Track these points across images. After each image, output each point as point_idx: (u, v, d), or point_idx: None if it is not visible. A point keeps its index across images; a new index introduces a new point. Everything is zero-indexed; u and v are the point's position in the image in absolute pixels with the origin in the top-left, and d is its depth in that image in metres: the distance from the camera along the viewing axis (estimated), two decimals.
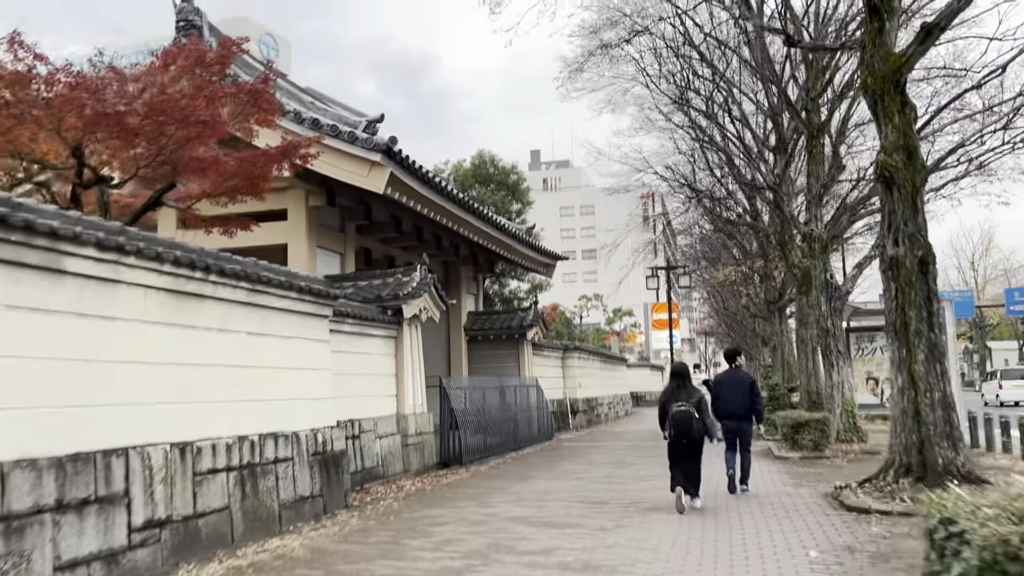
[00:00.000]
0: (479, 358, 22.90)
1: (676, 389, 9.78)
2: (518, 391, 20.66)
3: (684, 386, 9.83)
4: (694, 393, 9.81)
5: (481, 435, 17.20)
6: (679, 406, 9.45)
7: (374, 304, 14.46)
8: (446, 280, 22.80)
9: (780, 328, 31.26)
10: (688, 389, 9.80)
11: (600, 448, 19.24)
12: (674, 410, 9.47)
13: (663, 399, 9.93)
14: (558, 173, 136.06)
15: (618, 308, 60.69)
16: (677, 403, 9.51)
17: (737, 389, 10.99)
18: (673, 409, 9.49)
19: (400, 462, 14.29)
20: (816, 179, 17.19)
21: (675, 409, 9.46)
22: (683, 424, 9.35)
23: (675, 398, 9.62)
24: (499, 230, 20.70)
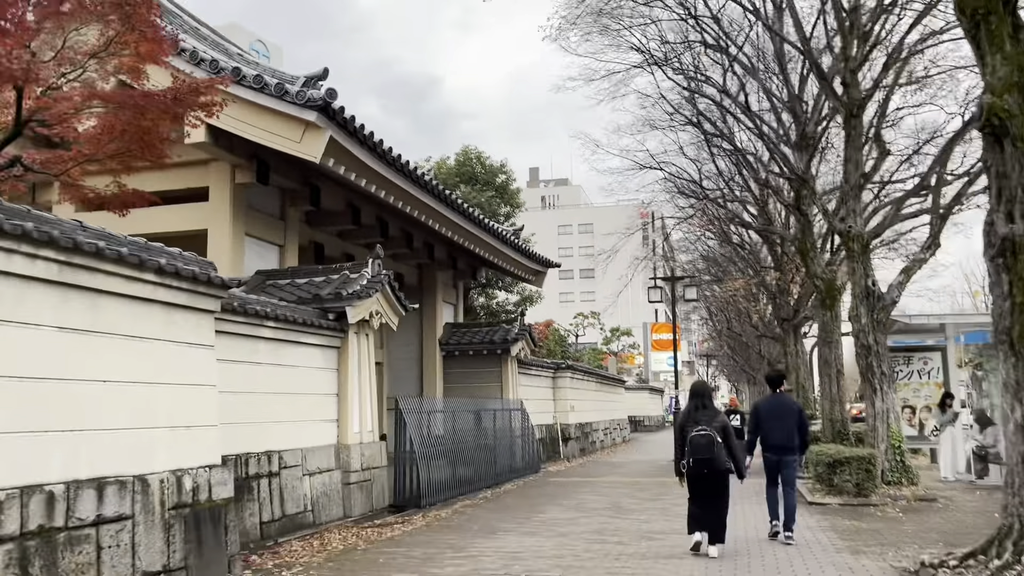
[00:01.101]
0: (456, 377, 19.95)
1: (695, 411, 8.47)
2: (499, 415, 17.68)
3: (705, 407, 8.54)
4: (716, 416, 8.51)
5: (448, 468, 14.20)
6: (699, 430, 8.15)
7: (312, 306, 11.54)
8: (419, 286, 19.90)
9: (795, 348, 28.30)
10: (710, 411, 8.51)
11: (593, 485, 16.22)
12: (694, 435, 8.17)
13: (680, 422, 8.66)
14: (556, 191, 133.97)
15: (616, 327, 57.70)
16: (697, 427, 8.21)
17: (782, 417, 9.50)
18: (692, 433, 8.19)
19: (339, 505, 11.29)
20: (855, 166, 14.32)
21: (695, 434, 8.16)
22: (704, 451, 8.06)
23: (694, 421, 8.33)
24: (480, 227, 17.83)
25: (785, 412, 9.59)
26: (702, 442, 8.10)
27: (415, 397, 14.16)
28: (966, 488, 14.59)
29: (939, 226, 14.33)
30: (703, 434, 8.14)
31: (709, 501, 8.35)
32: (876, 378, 13.92)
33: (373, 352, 12.70)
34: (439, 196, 15.33)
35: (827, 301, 20.61)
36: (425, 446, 13.16)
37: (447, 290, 20.79)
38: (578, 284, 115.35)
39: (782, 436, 9.46)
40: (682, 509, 10.46)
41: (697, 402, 8.62)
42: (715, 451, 8.08)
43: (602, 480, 17.25)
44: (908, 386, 19.68)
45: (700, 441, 8.12)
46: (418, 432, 13.02)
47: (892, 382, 14.18)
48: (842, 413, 20.05)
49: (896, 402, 14.13)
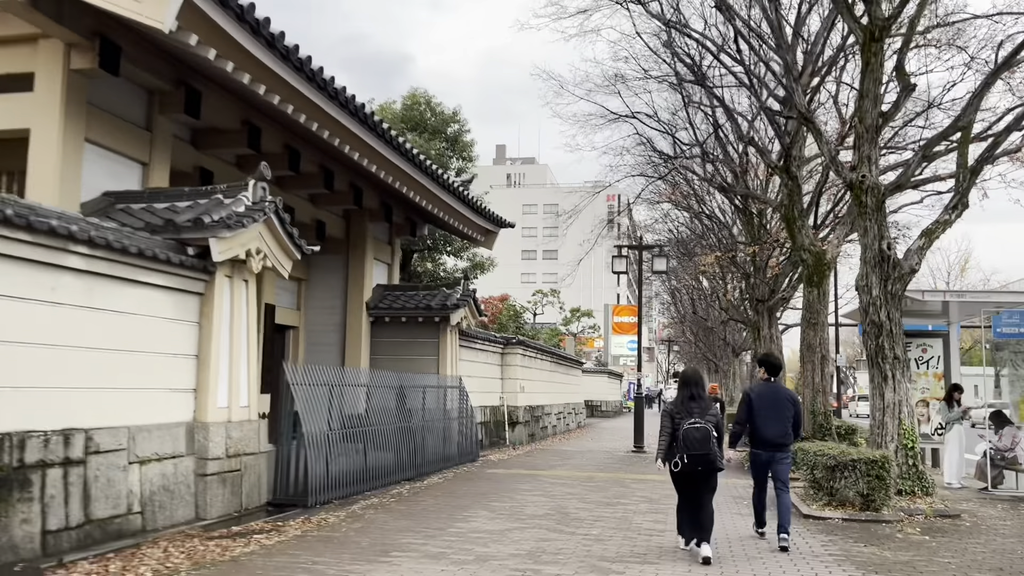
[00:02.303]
0: (386, 347, 17.05)
1: (688, 401, 7.63)
2: (429, 394, 14.84)
3: (698, 398, 7.65)
4: (710, 407, 7.69)
5: (356, 457, 11.33)
6: (693, 423, 7.41)
7: (165, 235, 8.57)
8: (346, 238, 16.92)
9: (769, 332, 25.82)
10: (703, 402, 7.68)
11: (537, 480, 13.47)
12: (687, 428, 7.41)
13: (669, 410, 7.78)
14: (523, 169, 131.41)
15: (576, 308, 55.24)
16: (691, 420, 7.45)
17: (777, 408, 8.39)
18: (686, 427, 7.42)
19: (188, 505, 8.38)
20: (873, 102, 11.62)
21: (689, 427, 7.41)
22: (700, 446, 7.35)
23: (687, 412, 7.55)
24: (420, 169, 14.87)
25: (780, 403, 8.42)
26: (697, 436, 7.32)
27: (312, 365, 11.28)
28: (981, 499, 12.14)
29: (968, 182, 11.73)
30: (698, 427, 7.34)
31: (699, 498, 7.61)
32: (888, 363, 11.29)
33: (253, 304, 9.75)
34: (365, 122, 12.36)
35: (814, 277, 18.16)
36: (320, 427, 10.25)
37: (380, 246, 17.83)
38: (541, 265, 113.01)
39: (777, 430, 8.34)
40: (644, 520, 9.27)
41: (690, 391, 7.68)
42: (711, 446, 7.35)
43: (549, 474, 14.50)
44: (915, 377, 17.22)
45: (695, 435, 7.33)
46: (311, 409, 10.10)
47: (907, 368, 11.57)
48: (825, 404, 17.63)
49: (910, 393, 11.53)
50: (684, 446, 7.34)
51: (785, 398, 8.51)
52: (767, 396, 8.46)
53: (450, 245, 25.43)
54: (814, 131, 12.60)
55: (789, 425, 8.39)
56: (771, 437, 8.32)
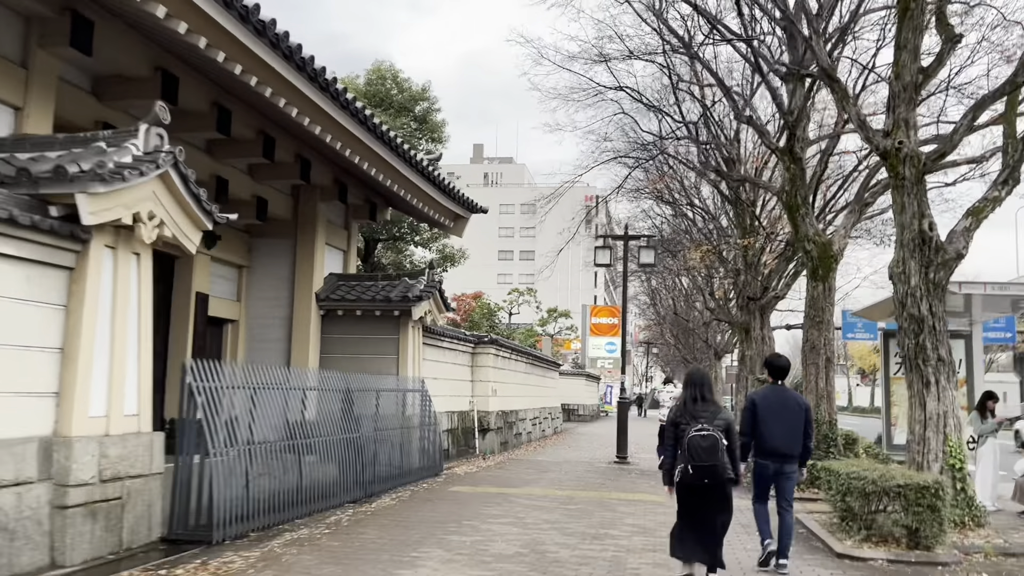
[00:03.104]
0: (339, 345, 14.98)
1: (693, 404, 6.50)
2: (384, 399, 12.78)
3: (704, 400, 6.53)
4: (719, 411, 6.53)
5: (283, 476, 9.24)
6: (700, 430, 6.28)
7: (18, 190, 6.47)
8: (293, 219, 14.83)
9: (761, 333, 23.98)
10: (711, 405, 6.53)
11: (508, 502, 11.44)
12: (693, 436, 6.25)
13: (672, 417, 6.63)
14: (500, 168, 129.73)
15: (553, 308, 53.32)
16: (696, 425, 6.31)
17: (785, 415, 7.53)
18: (691, 435, 6.27)
19: (38, 548, 6.27)
20: (912, 55, 9.72)
21: (695, 434, 6.26)
22: (707, 456, 6.21)
23: (692, 416, 6.40)
24: (375, 136, 12.80)
25: (789, 409, 7.57)
26: (704, 444, 6.30)
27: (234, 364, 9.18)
28: None
29: (1020, 153, 9.88)
30: (705, 435, 6.32)
31: (706, 518, 6.52)
32: (931, 366, 9.39)
33: (148, 285, 7.65)
34: (304, 69, 10.29)
35: (819, 270, 16.34)
36: (233, 441, 8.14)
37: (333, 231, 15.73)
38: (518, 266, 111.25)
39: (785, 440, 7.51)
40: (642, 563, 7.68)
41: (694, 393, 6.62)
42: (719, 456, 6.32)
43: (522, 493, 12.48)
44: None
45: (701, 444, 6.31)
46: (219, 418, 7.98)
47: (953, 373, 9.67)
48: (831, 412, 15.79)
49: (957, 403, 9.61)
50: (689, 456, 6.31)
51: (794, 403, 7.66)
52: (773, 402, 7.60)
53: (418, 234, 23.36)
54: (839, 91, 10.67)
55: (799, 434, 7.53)
56: (779, 447, 7.47)
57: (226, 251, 14.06)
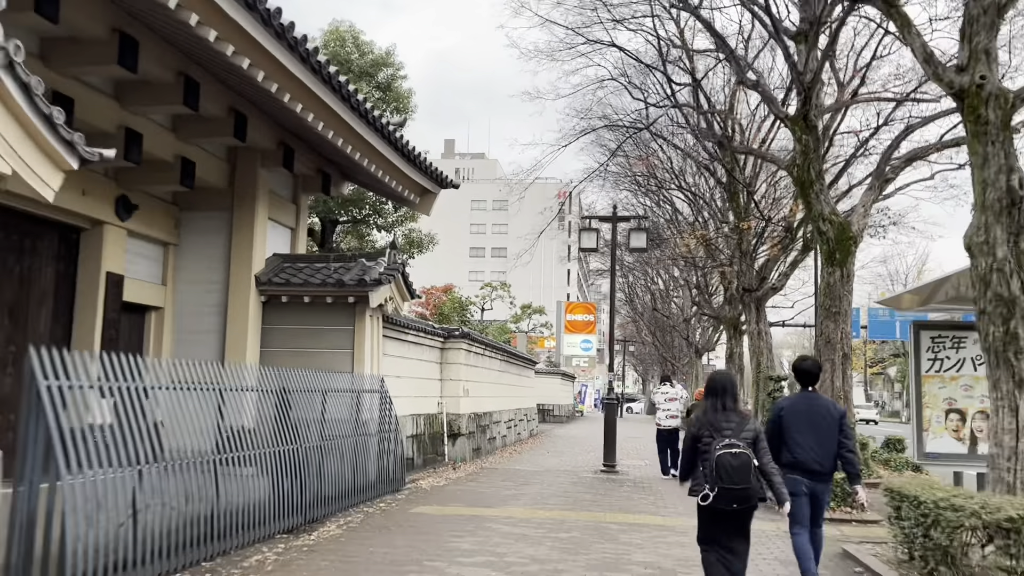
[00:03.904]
0: (284, 337, 12.74)
1: (716, 413, 5.58)
2: (332, 401, 10.56)
3: (728, 410, 5.57)
4: (745, 422, 5.54)
5: (187, 506, 6.99)
6: (728, 447, 5.33)
7: None
8: (230, 188, 12.54)
9: (757, 328, 22.07)
10: (737, 416, 5.55)
11: (485, 528, 9.28)
12: (722, 453, 5.33)
13: (694, 431, 5.63)
14: (472, 164, 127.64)
15: (527, 304, 51.22)
16: (723, 440, 5.37)
17: (818, 425, 6.65)
18: (720, 452, 5.33)
19: None
20: None
21: (724, 452, 5.32)
22: (739, 478, 5.30)
23: (715, 429, 5.48)
24: (324, 83, 10.54)
25: (822, 418, 6.72)
26: (734, 464, 5.27)
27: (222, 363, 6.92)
28: None
29: None
30: (736, 453, 5.29)
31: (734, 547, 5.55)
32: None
33: None
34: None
35: (836, 254, 14.46)
36: (107, 459, 5.88)
37: (279, 204, 13.47)
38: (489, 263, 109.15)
39: (818, 454, 6.63)
40: None
41: (717, 401, 5.58)
42: (752, 478, 5.32)
43: (500, 515, 10.31)
44: (956, 381, 13.48)
45: (732, 463, 5.27)
46: (80, 427, 5.72)
47: None
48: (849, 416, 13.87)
49: None
50: (716, 476, 5.37)
51: (826, 411, 6.83)
52: (802, 410, 6.80)
53: (381, 217, 21.08)
54: (900, 17, 8.60)
55: (833, 446, 6.67)
56: (809, 462, 6.63)
57: (147, 224, 11.73)
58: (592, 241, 16.93)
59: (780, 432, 6.72)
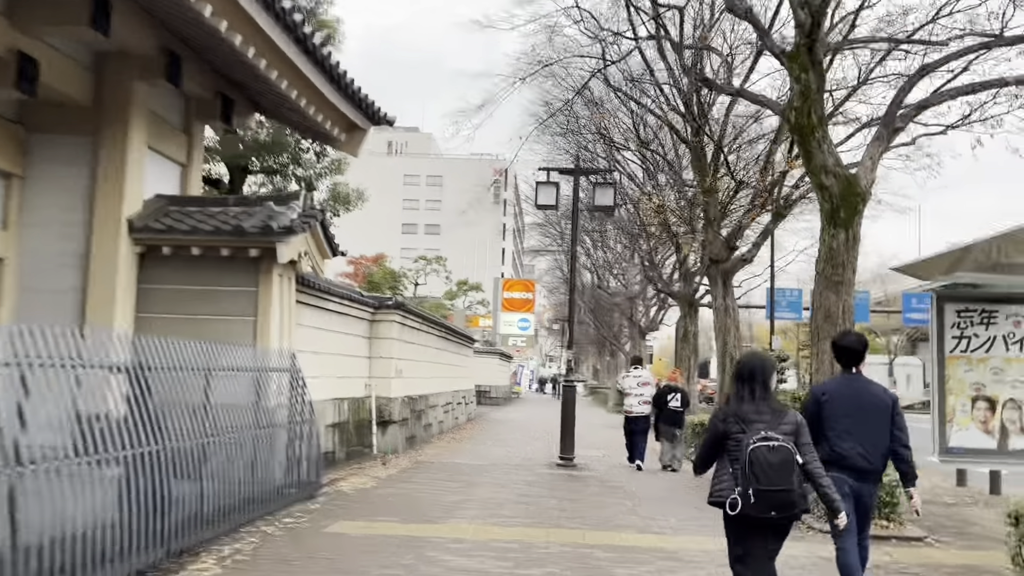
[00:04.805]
0: (167, 300, 9.94)
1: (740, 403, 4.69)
2: (222, 383, 7.83)
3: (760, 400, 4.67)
4: (783, 413, 4.68)
5: None
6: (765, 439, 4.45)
7: None
8: (97, 106, 9.61)
9: (725, 303, 19.97)
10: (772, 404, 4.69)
11: (428, 561, 6.75)
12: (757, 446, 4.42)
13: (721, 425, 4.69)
14: (406, 137, 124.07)
15: (463, 280, 48.65)
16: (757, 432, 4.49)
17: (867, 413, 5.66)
18: (755, 445, 4.42)
19: None
20: None
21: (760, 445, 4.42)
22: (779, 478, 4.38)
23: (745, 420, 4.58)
24: None
25: (872, 406, 5.62)
26: (772, 460, 4.37)
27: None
28: None
29: None
30: (774, 447, 4.39)
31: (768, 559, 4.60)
32: None
33: None
34: None
35: (840, 212, 12.38)
36: None
37: (164, 132, 10.58)
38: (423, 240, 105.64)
39: (867, 448, 5.54)
40: None
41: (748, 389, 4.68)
42: (794, 478, 4.39)
43: (446, 536, 7.75)
44: (985, 363, 11.45)
45: (770, 459, 4.37)
46: None
47: None
48: None
49: None
50: (752, 476, 4.35)
51: (876, 398, 5.72)
52: (847, 396, 5.69)
53: (302, 167, 18.15)
54: None
55: (884, 440, 5.58)
56: (857, 458, 5.53)
57: None
58: (551, 197, 14.38)
59: (819, 422, 5.60)
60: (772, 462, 4.40)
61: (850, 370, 5.86)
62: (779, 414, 4.63)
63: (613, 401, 32.13)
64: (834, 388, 5.88)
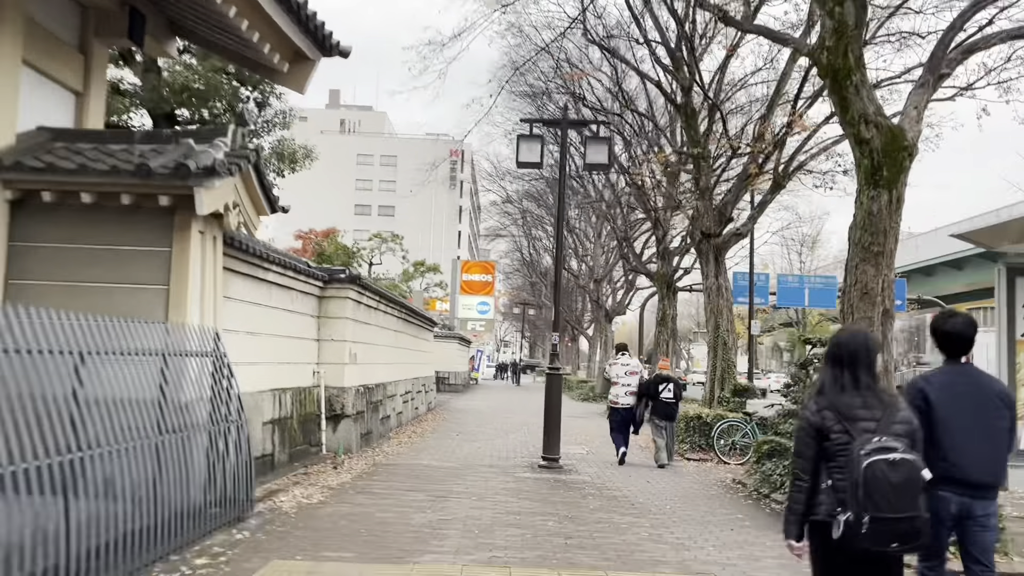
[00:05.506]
0: (50, 260, 7.61)
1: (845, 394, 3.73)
2: (102, 373, 5.54)
3: (864, 389, 3.73)
4: (895, 408, 3.72)
5: None
6: (882, 449, 3.51)
7: None
8: None
9: (717, 282, 18.07)
10: (880, 396, 3.72)
11: None
12: (874, 460, 3.47)
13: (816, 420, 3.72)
14: (359, 116, 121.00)
15: (421, 261, 46.34)
16: (872, 439, 3.54)
17: (985, 415, 4.50)
18: (869, 457, 3.49)
19: None
20: None
21: (877, 460, 3.48)
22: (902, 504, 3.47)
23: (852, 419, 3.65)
24: None
25: (991, 405, 4.51)
26: (894, 479, 3.44)
27: None
28: None
29: None
30: (896, 460, 3.47)
31: None
32: None
33: None
34: None
35: (882, 171, 10.56)
36: None
37: (50, 47, 8.17)
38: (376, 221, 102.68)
39: (987, 458, 4.44)
40: None
41: (849, 376, 3.72)
42: (921, 502, 3.52)
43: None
44: None
45: (891, 479, 3.43)
46: None
47: None
48: None
49: None
50: (867, 499, 3.40)
51: (993, 393, 4.53)
52: (961, 393, 4.48)
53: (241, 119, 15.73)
54: None
55: (1004, 445, 4.48)
56: (975, 470, 4.36)
57: None
58: (534, 153, 12.16)
59: (928, 427, 4.33)
60: (894, 482, 3.45)
61: (957, 360, 4.70)
62: (891, 409, 3.65)
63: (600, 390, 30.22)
64: (944, 383, 4.61)
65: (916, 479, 3.53)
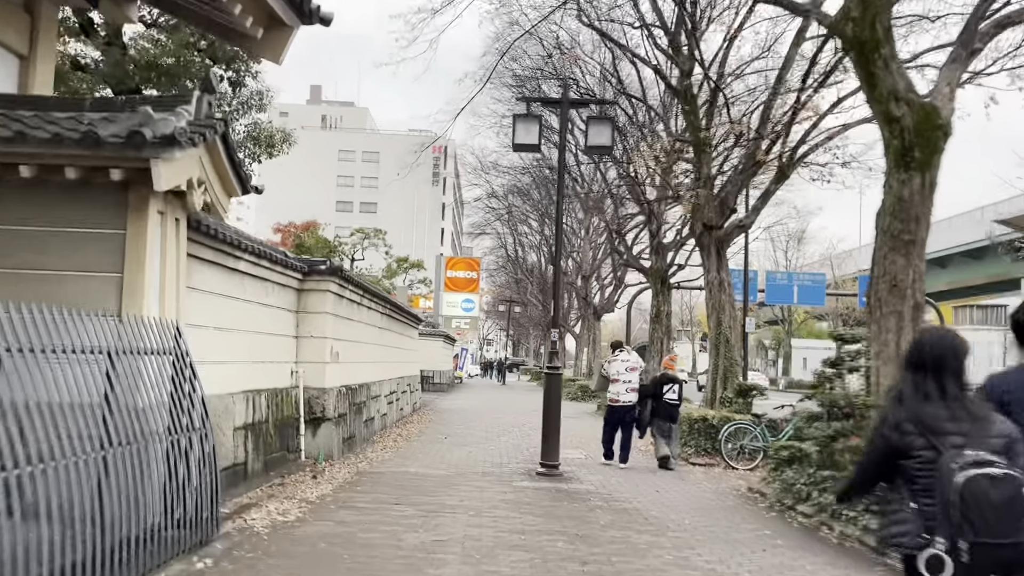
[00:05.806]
0: None
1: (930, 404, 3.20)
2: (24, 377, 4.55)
3: (951, 399, 3.18)
4: (988, 420, 3.15)
5: None
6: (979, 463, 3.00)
7: None
8: None
9: (719, 277, 17.22)
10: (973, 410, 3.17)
11: None
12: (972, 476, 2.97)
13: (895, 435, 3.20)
14: (341, 112, 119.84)
15: (404, 257, 45.30)
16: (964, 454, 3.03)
17: None
18: (966, 472, 2.99)
19: None
20: None
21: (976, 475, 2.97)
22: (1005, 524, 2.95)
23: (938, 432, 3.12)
24: None
25: None
26: (995, 499, 2.97)
27: None
28: None
29: None
30: (997, 477, 3.00)
31: None
32: None
33: None
34: None
35: (914, 152, 9.78)
36: None
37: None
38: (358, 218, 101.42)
39: None
40: None
41: (934, 383, 3.24)
42: None
43: None
44: None
45: (991, 497, 2.97)
46: None
47: None
48: None
49: None
50: (965, 521, 2.96)
51: None
52: None
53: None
54: None
55: None
56: None
57: None
58: (532, 135, 11.19)
59: None
60: (995, 502, 2.99)
61: None
62: (983, 423, 3.18)
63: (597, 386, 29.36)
64: (1014, 380, 3.83)
65: (1021, 498, 3.02)
